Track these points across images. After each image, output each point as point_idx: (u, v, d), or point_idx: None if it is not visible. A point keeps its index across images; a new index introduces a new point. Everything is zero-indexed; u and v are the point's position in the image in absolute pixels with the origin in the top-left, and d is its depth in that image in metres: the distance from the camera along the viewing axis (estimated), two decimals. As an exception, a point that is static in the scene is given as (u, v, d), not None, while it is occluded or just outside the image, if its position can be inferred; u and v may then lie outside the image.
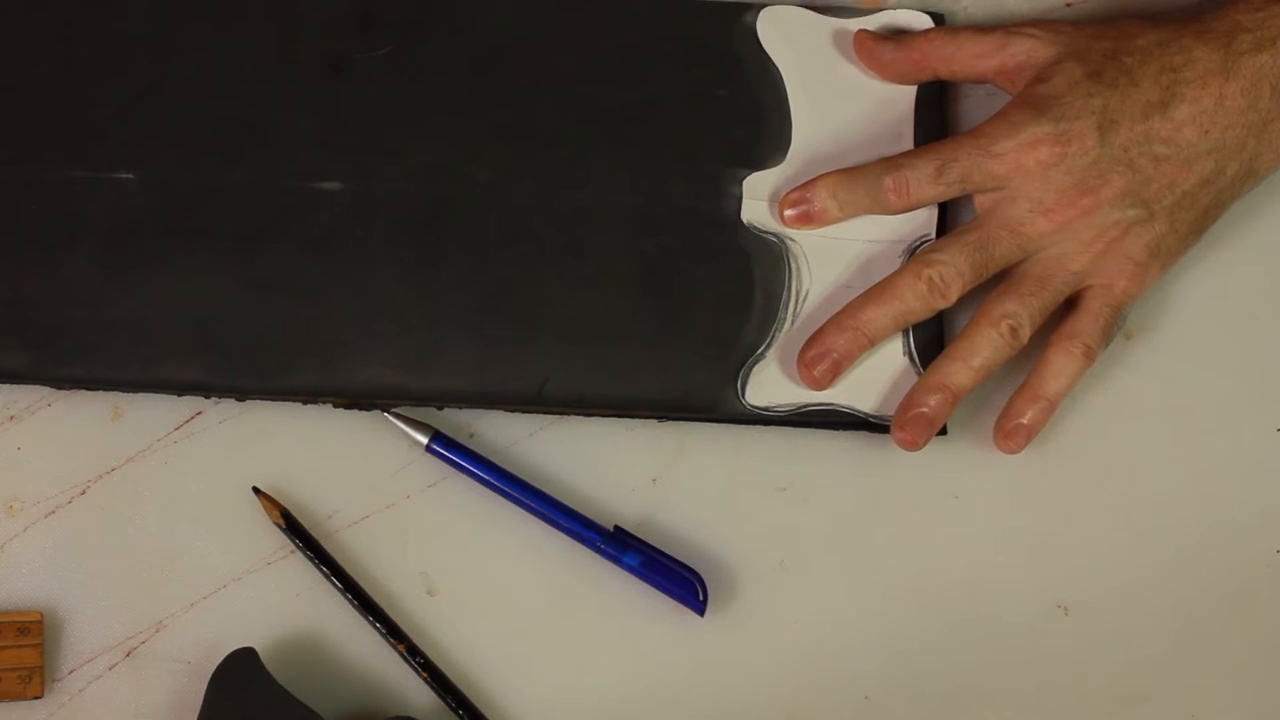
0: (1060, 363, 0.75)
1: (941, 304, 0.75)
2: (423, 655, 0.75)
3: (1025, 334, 0.75)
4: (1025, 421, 0.76)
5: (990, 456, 0.78)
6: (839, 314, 0.76)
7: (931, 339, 0.77)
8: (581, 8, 0.80)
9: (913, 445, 0.75)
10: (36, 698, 0.74)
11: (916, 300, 0.75)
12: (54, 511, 0.76)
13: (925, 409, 0.75)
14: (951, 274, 0.75)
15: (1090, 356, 0.75)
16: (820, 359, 0.75)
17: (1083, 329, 0.75)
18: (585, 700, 0.76)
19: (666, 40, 0.80)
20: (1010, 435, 0.76)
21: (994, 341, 0.75)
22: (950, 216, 0.79)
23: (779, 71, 0.79)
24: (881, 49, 0.79)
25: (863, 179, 0.76)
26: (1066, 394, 0.76)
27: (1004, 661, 0.77)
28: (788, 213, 0.77)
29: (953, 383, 0.75)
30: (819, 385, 0.76)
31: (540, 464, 0.77)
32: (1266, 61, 0.75)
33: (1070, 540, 0.78)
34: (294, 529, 0.75)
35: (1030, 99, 0.75)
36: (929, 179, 0.75)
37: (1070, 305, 0.76)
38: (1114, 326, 0.76)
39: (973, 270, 0.75)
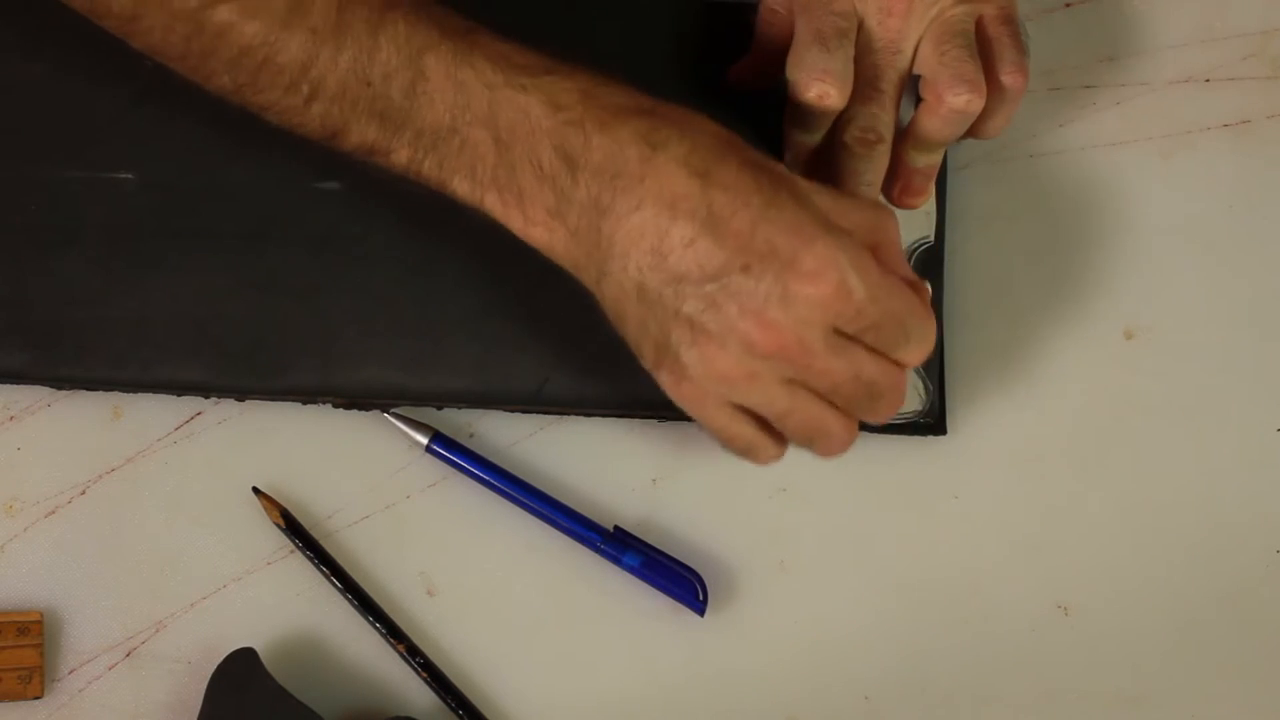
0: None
1: (880, 148, 0.73)
2: (423, 655, 0.75)
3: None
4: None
5: (990, 456, 0.78)
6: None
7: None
8: (583, 5, 0.80)
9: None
10: (36, 698, 0.74)
11: (860, 161, 0.74)
12: (54, 511, 0.76)
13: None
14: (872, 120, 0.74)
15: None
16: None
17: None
18: (585, 700, 0.76)
19: (669, 38, 0.80)
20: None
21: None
22: (951, 217, 0.79)
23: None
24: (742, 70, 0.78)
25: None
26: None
27: (1004, 661, 0.77)
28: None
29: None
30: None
31: (540, 464, 0.77)
32: None
33: (1070, 540, 0.78)
34: (294, 529, 0.75)
35: None
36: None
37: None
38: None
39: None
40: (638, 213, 0.63)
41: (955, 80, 0.72)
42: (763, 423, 0.66)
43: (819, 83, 0.71)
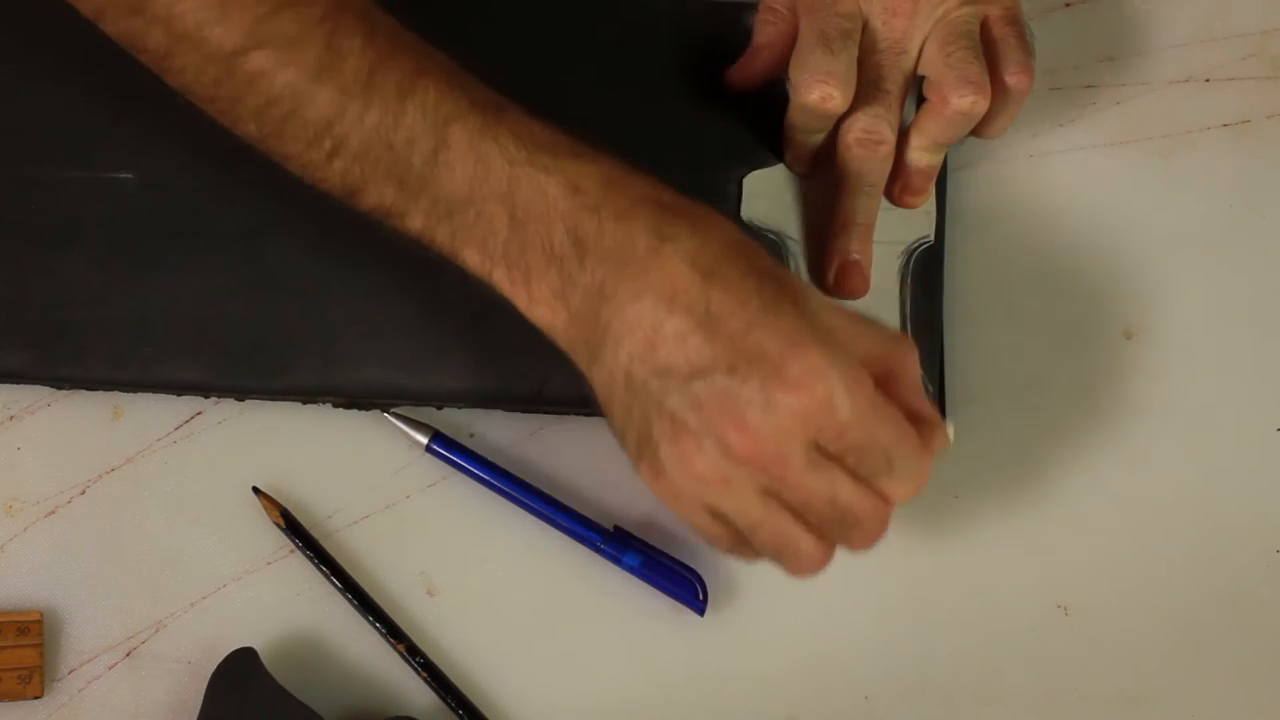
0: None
1: (884, 150, 0.74)
2: (423, 655, 0.75)
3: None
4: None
5: (990, 456, 0.78)
6: (834, 234, 0.75)
7: (931, 337, 0.77)
8: (583, 6, 0.80)
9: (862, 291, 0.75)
10: (36, 697, 0.74)
11: (863, 163, 0.74)
12: (54, 511, 0.76)
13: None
14: (874, 121, 0.74)
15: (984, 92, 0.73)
16: (846, 271, 0.75)
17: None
18: (585, 700, 0.76)
19: (668, 38, 0.80)
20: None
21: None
22: (951, 217, 0.79)
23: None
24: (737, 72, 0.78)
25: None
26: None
27: (1004, 661, 0.77)
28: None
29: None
30: (859, 290, 0.75)
31: (540, 464, 0.77)
32: None
33: (1070, 540, 0.78)
34: (294, 529, 0.75)
35: None
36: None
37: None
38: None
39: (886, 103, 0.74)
40: (637, 303, 0.62)
41: (960, 82, 0.72)
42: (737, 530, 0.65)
43: (822, 85, 0.71)
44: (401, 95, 0.65)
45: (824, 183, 0.76)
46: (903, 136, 0.74)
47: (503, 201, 0.65)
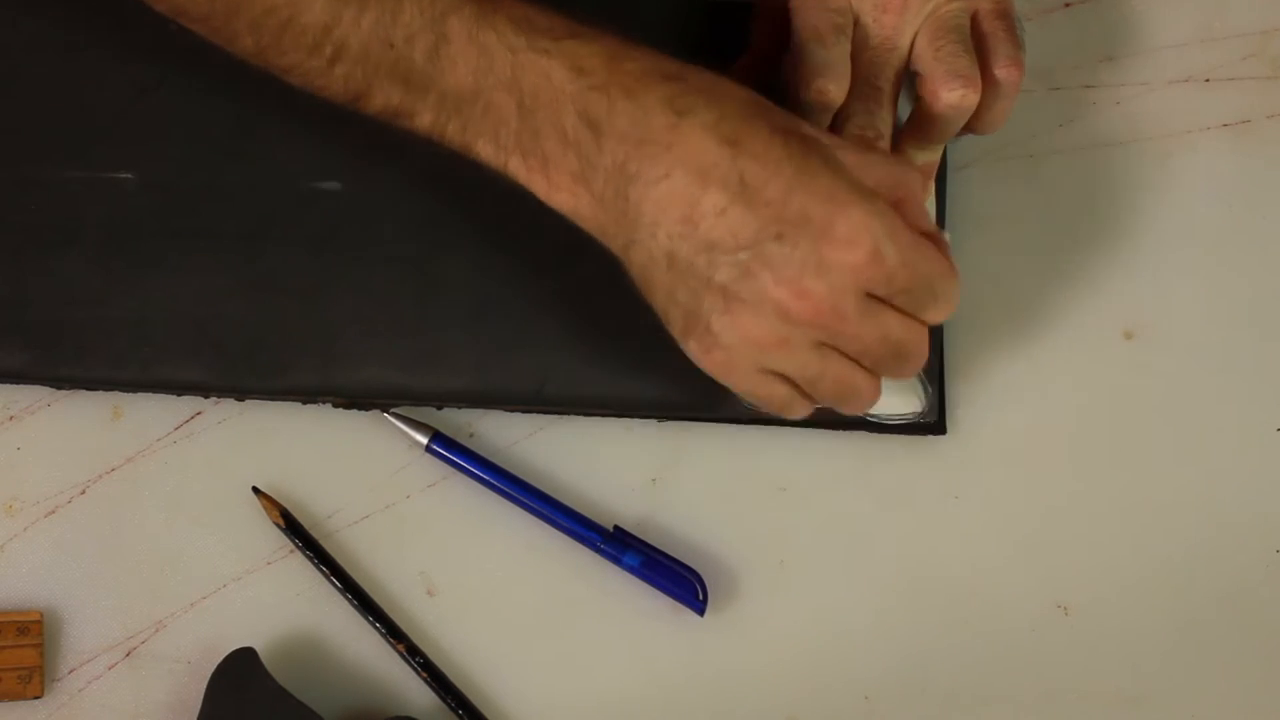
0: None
1: (880, 147, 0.72)
2: (422, 655, 0.75)
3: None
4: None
5: (990, 456, 0.78)
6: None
7: (931, 337, 0.77)
8: (584, 6, 0.80)
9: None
10: (36, 697, 0.74)
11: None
12: (54, 511, 0.76)
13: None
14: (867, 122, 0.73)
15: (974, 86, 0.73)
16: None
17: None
18: (585, 700, 0.76)
19: (669, 38, 0.79)
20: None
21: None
22: (951, 217, 0.79)
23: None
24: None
25: None
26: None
27: (1004, 661, 0.77)
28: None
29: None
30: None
31: (540, 464, 0.77)
32: None
33: (1070, 540, 0.78)
34: (294, 529, 0.75)
35: None
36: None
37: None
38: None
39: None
40: (666, 181, 0.63)
41: (950, 76, 0.72)
42: (792, 383, 0.66)
43: (817, 79, 0.71)
44: None
45: None
46: (898, 135, 0.74)
47: (509, 90, 0.65)
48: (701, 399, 0.76)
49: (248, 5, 0.65)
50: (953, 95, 0.72)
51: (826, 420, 0.77)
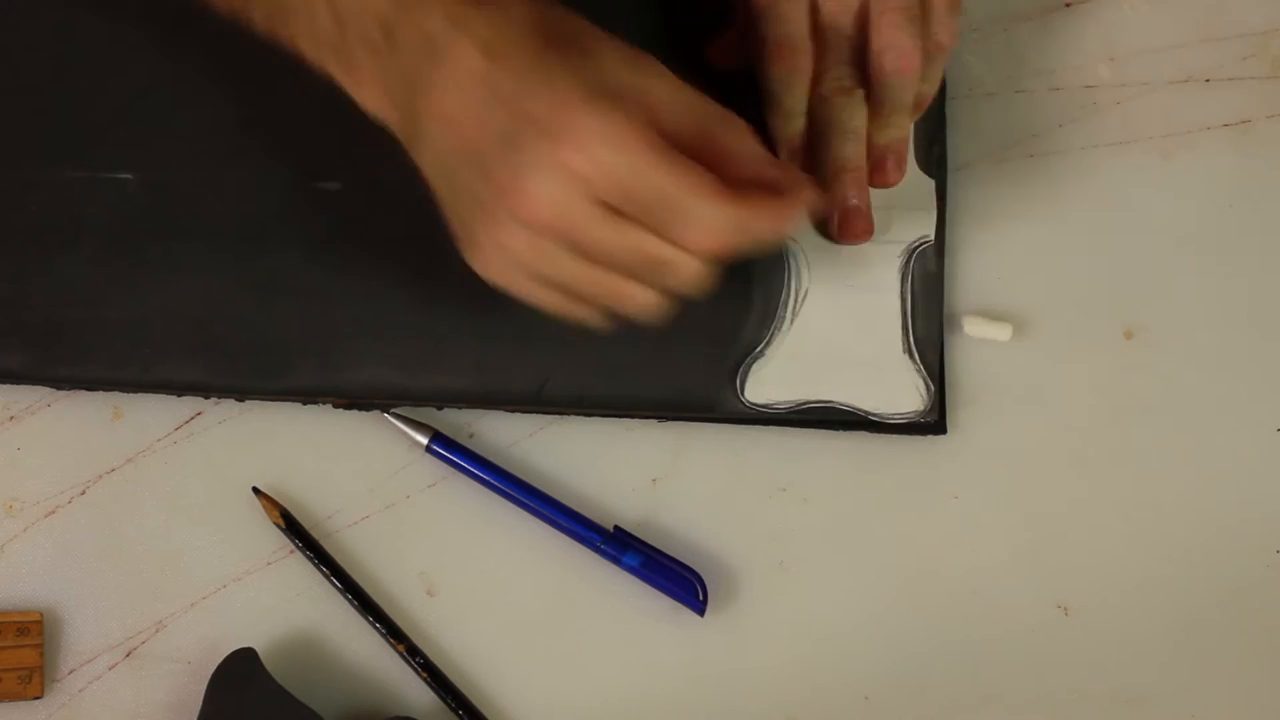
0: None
1: (858, 94, 0.74)
2: (422, 655, 0.75)
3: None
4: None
5: (990, 456, 0.78)
6: (830, 186, 0.75)
7: (932, 336, 0.77)
8: (586, 9, 0.80)
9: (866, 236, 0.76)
10: (36, 698, 0.74)
11: (841, 109, 0.74)
12: (54, 511, 0.76)
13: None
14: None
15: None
16: (848, 218, 0.76)
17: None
18: (585, 700, 0.76)
19: (650, 14, 0.79)
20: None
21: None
22: (951, 216, 0.79)
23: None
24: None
25: None
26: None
27: (1004, 661, 0.77)
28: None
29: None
30: (865, 234, 0.76)
31: (540, 464, 0.77)
32: None
33: (1070, 540, 0.78)
34: (294, 529, 0.75)
35: None
36: None
37: None
38: None
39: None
40: (437, 90, 0.63)
41: (888, 45, 0.72)
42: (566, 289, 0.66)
43: (783, 49, 0.73)
44: None
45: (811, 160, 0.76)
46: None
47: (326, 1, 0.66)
48: (701, 397, 0.76)
49: None
50: (893, 62, 0.72)
51: (827, 420, 0.77)
